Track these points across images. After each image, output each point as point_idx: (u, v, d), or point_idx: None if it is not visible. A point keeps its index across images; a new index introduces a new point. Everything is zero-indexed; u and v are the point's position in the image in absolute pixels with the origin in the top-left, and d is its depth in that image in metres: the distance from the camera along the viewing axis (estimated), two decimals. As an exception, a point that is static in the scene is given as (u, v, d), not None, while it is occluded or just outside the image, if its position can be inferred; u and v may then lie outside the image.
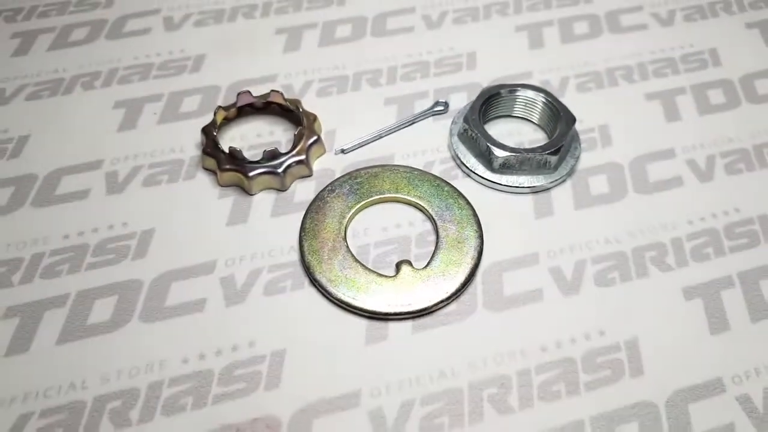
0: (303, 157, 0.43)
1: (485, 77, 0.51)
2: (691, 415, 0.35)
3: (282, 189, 0.43)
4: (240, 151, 0.42)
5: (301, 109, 0.45)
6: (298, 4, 0.56)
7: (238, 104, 0.46)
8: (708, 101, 0.50)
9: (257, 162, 0.42)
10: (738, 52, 0.54)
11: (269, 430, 0.34)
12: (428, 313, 0.39)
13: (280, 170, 0.42)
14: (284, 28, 0.54)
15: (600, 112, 0.49)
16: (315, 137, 0.44)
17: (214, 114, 0.44)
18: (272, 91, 0.45)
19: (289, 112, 0.46)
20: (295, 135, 0.43)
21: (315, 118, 0.45)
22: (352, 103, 0.49)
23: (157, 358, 0.36)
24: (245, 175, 0.42)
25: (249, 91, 0.46)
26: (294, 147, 0.43)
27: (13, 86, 0.49)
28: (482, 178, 0.44)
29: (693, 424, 0.35)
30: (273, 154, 0.42)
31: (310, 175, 0.44)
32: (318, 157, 0.45)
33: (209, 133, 0.43)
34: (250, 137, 0.47)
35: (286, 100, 0.45)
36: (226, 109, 0.45)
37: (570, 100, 0.49)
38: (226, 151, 0.42)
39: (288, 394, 0.35)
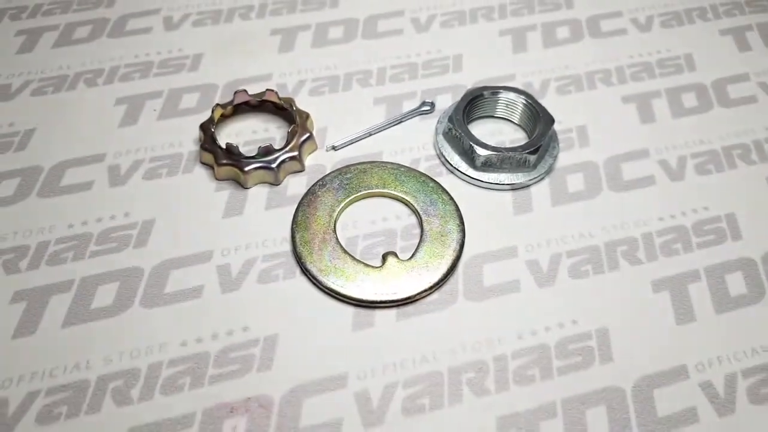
0: (296, 153, 0.45)
1: (470, 79, 0.52)
2: (656, 400, 0.37)
3: (275, 183, 0.45)
4: (236, 147, 0.43)
5: (294, 108, 0.46)
6: (293, 6, 0.57)
7: (235, 102, 0.47)
8: (682, 104, 0.51)
9: (252, 157, 0.44)
10: (712, 58, 0.55)
11: (262, 409, 0.35)
12: (412, 302, 0.40)
13: (273, 165, 0.44)
14: (279, 29, 0.56)
15: (578, 113, 0.50)
16: (307, 134, 0.45)
17: (212, 111, 0.45)
18: (267, 90, 0.47)
19: (283, 110, 0.48)
20: (288, 132, 0.45)
21: (307, 116, 0.47)
22: (343, 102, 0.51)
23: (157, 341, 0.38)
24: (241, 169, 0.44)
25: (245, 90, 0.47)
26: (287, 144, 0.45)
27: (18, 82, 0.50)
28: (465, 175, 0.45)
29: (657, 408, 0.36)
30: (267, 150, 0.44)
31: (302, 170, 0.46)
32: (310, 154, 0.47)
33: (207, 130, 0.45)
34: (246, 134, 0.48)
35: (280, 98, 0.47)
36: (223, 106, 0.46)
37: (550, 101, 0.50)
38: (223, 146, 0.44)
39: (279, 376, 0.37)
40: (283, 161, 0.44)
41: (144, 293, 0.40)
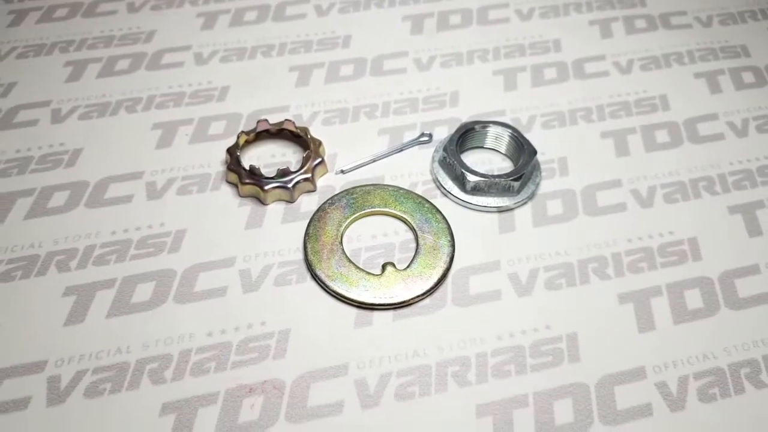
0: (309, 175, 0.48)
1: (465, 113, 0.56)
2: (616, 395, 0.40)
3: (291, 201, 0.48)
4: (258, 169, 0.47)
5: (309, 136, 0.51)
6: (309, 46, 0.61)
7: (257, 130, 0.51)
8: (655, 140, 0.55)
9: (271, 178, 0.48)
10: (685, 99, 0.58)
11: (276, 390, 0.39)
12: (407, 306, 0.44)
13: (290, 185, 0.48)
14: (296, 66, 0.60)
15: (560, 146, 0.54)
16: (319, 159, 0.49)
17: (237, 137, 0.50)
18: (285, 120, 0.51)
19: (298, 137, 0.51)
20: (303, 157, 0.49)
21: (320, 143, 0.51)
22: (352, 132, 0.54)
23: (187, 331, 0.42)
24: (261, 188, 0.47)
25: (266, 119, 0.51)
26: (302, 167, 0.48)
27: (67, 107, 0.55)
28: (457, 198, 0.49)
29: (617, 402, 0.40)
30: (284, 172, 0.47)
31: (314, 190, 0.49)
32: (321, 176, 0.50)
33: (233, 153, 0.49)
34: (266, 157, 0.52)
35: (296, 127, 0.51)
36: (247, 133, 0.50)
37: (536, 135, 0.54)
38: (247, 168, 0.48)
39: (291, 363, 0.40)
40: (298, 182, 0.48)
41: (176, 291, 0.44)
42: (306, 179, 0.49)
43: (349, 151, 0.53)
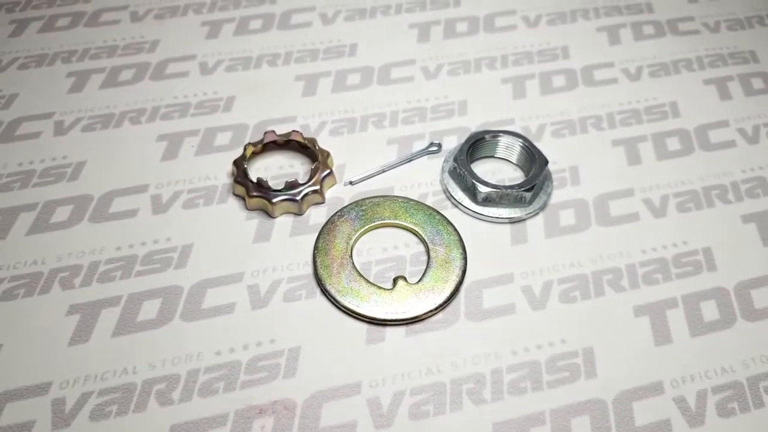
0: (317, 187, 0.48)
1: (474, 122, 0.56)
2: (634, 411, 0.39)
3: (299, 213, 0.48)
4: (266, 181, 0.47)
5: (317, 147, 0.50)
6: (315, 54, 0.61)
7: (264, 141, 0.50)
8: (666, 148, 0.54)
9: (279, 190, 0.47)
10: (695, 106, 0.58)
11: (286, 411, 0.38)
12: (419, 321, 0.43)
13: (298, 198, 0.47)
14: (302, 75, 0.59)
15: (571, 155, 0.53)
16: (328, 171, 0.49)
17: (244, 149, 0.49)
18: (293, 130, 0.50)
19: (306, 148, 0.51)
20: (311, 168, 0.48)
21: (328, 154, 0.50)
22: (360, 142, 0.54)
23: (195, 350, 0.41)
24: (269, 201, 0.47)
25: (273, 131, 0.51)
26: (310, 179, 0.48)
27: (70, 119, 0.54)
28: (468, 209, 0.49)
29: (635, 418, 0.39)
30: (292, 185, 0.47)
31: (323, 203, 0.49)
32: (330, 188, 0.50)
33: (240, 165, 0.48)
34: (273, 169, 0.51)
35: (304, 138, 0.50)
36: (254, 145, 0.50)
37: (546, 144, 0.54)
38: (254, 180, 0.47)
39: (302, 382, 0.40)
40: (306, 194, 0.47)
41: (183, 308, 0.43)
42: (314, 191, 0.48)
43: (357, 161, 0.52)
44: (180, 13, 0.65)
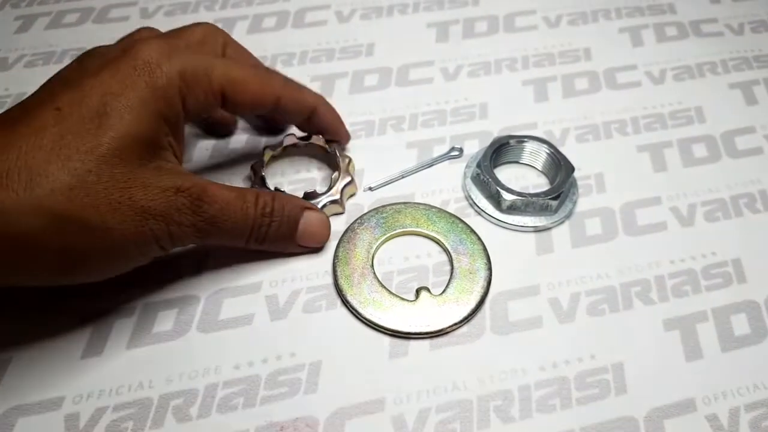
0: (337, 197, 0.46)
1: (495, 126, 0.54)
2: (666, 430, 0.38)
3: None
4: (283, 191, 0.45)
5: (338, 153, 0.48)
6: (331, 54, 0.60)
7: (284, 145, 0.49)
8: (692, 154, 0.53)
9: None
10: (721, 110, 0.57)
11: (309, 429, 0.37)
12: (443, 334, 0.42)
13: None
14: (318, 75, 0.58)
15: (596, 161, 0.52)
16: (349, 179, 0.47)
17: (263, 153, 0.48)
18: (314, 134, 0.49)
19: (326, 152, 0.49)
20: (331, 177, 0.47)
21: (350, 161, 0.49)
22: (379, 146, 0.52)
23: (213, 363, 0.40)
24: None
25: (293, 134, 0.49)
26: (330, 187, 0.46)
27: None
28: (492, 217, 0.47)
29: None
30: (310, 194, 0.45)
31: (342, 213, 0.48)
32: (350, 197, 0.48)
33: (258, 172, 0.47)
34: (291, 173, 0.50)
35: (326, 142, 0.49)
36: (272, 148, 0.48)
37: (570, 149, 0.52)
38: (272, 189, 0.46)
39: (324, 398, 0.38)
40: (324, 205, 0.46)
41: (200, 319, 0.42)
42: (333, 201, 0.47)
43: (376, 166, 0.51)
44: (191, 9, 0.63)
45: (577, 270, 0.46)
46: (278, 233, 0.42)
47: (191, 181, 0.37)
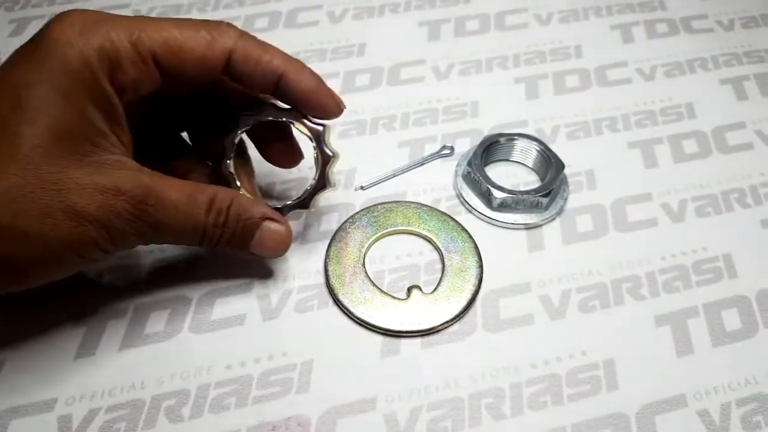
0: (303, 198, 0.41)
1: (486, 124, 0.54)
2: (657, 426, 0.38)
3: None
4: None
5: (322, 144, 0.41)
6: (323, 54, 0.60)
7: (261, 119, 0.40)
8: (683, 150, 0.53)
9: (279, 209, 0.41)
10: (711, 106, 0.57)
11: (300, 428, 0.37)
12: (435, 332, 0.42)
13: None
14: None
15: (587, 158, 0.52)
16: (321, 181, 0.41)
17: (236, 126, 0.42)
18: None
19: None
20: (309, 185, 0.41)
21: (333, 157, 0.41)
22: (370, 145, 0.52)
23: (205, 364, 0.40)
24: None
25: (274, 103, 0.41)
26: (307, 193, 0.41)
27: None
28: (482, 215, 0.48)
29: None
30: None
31: (310, 211, 0.42)
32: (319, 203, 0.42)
33: (226, 151, 0.41)
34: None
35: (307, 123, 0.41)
36: (245, 121, 0.40)
37: (560, 146, 0.52)
38: (237, 183, 0.41)
39: (316, 397, 0.39)
40: (287, 205, 0.41)
41: (192, 320, 0.42)
42: (300, 204, 0.41)
43: (368, 165, 0.51)
44: (183, 11, 0.63)
45: (568, 267, 0.46)
46: (231, 241, 0.38)
47: (134, 180, 0.33)
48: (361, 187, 0.49)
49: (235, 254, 0.40)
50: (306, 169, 0.50)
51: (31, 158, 0.30)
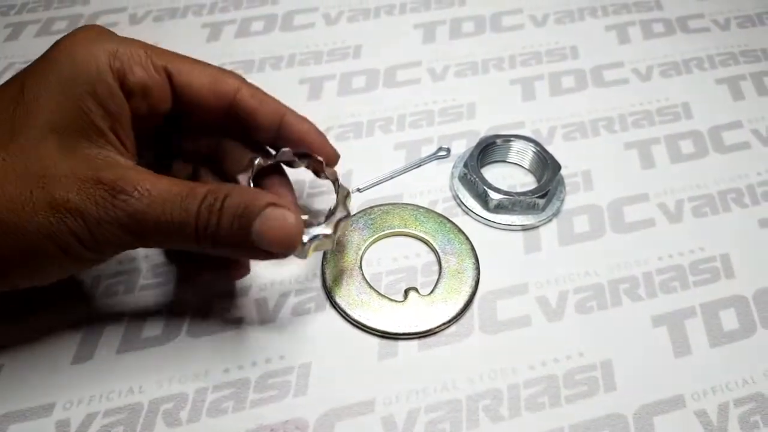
0: (329, 231, 0.38)
1: (483, 126, 0.54)
2: (655, 426, 0.38)
3: (301, 257, 0.38)
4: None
5: (338, 183, 0.41)
6: (319, 57, 0.60)
7: (278, 160, 0.42)
8: (679, 151, 0.53)
9: None
10: (708, 106, 0.57)
11: (299, 431, 0.37)
12: (432, 334, 0.42)
13: (305, 241, 0.38)
14: (306, 78, 0.57)
15: (583, 159, 0.52)
16: (345, 213, 0.39)
17: (251, 165, 0.42)
18: (315, 156, 0.41)
19: (319, 176, 0.43)
20: (329, 209, 0.40)
21: (348, 194, 0.40)
22: (367, 147, 0.52)
23: (203, 367, 0.40)
24: None
25: (290, 150, 0.41)
26: (325, 219, 0.39)
27: None
28: (479, 216, 0.48)
29: None
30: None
31: (331, 248, 0.40)
32: (344, 232, 0.43)
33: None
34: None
35: (325, 169, 0.42)
36: (263, 160, 0.41)
37: (557, 147, 0.52)
38: None
39: (314, 400, 0.39)
40: (316, 236, 0.37)
41: (190, 323, 0.42)
42: (326, 236, 0.38)
43: (364, 167, 0.51)
44: (179, 14, 0.63)
45: (565, 268, 0.46)
46: (229, 235, 0.33)
47: (119, 172, 0.31)
48: (358, 190, 0.49)
49: (238, 255, 0.36)
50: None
51: (22, 147, 0.30)
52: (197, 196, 0.32)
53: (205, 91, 0.36)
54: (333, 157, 0.42)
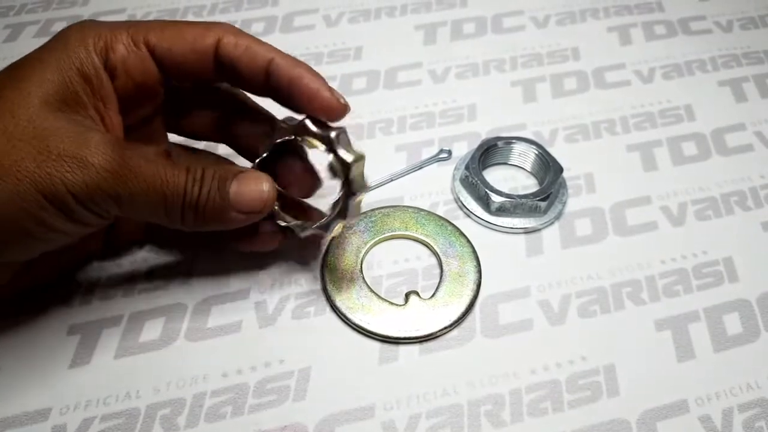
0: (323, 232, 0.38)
1: (484, 128, 0.54)
2: None
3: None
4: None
5: (335, 142, 0.38)
6: (319, 58, 0.59)
7: (299, 122, 0.38)
8: (682, 153, 0.53)
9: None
10: (710, 108, 0.57)
11: None
12: (433, 338, 0.41)
13: (302, 234, 0.40)
14: None
15: (585, 161, 0.52)
16: (346, 187, 0.38)
17: (275, 131, 0.41)
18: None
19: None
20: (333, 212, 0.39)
21: (357, 159, 0.38)
22: (368, 149, 0.49)
23: (201, 372, 0.39)
24: None
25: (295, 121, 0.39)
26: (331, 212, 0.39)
27: None
28: (481, 219, 0.47)
29: None
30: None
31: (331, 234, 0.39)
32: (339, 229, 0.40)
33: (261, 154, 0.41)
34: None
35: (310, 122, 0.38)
36: (287, 127, 0.39)
37: (559, 149, 0.52)
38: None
39: (313, 406, 0.38)
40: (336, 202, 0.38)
41: (188, 328, 0.41)
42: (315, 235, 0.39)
43: (365, 170, 0.50)
44: (179, 15, 0.63)
45: (568, 271, 0.45)
46: (210, 201, 0.34)
47: (95, 138, 0.32)
48: (358, 192, 0.49)
49: (221, 222, 0.36)
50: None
51: (10, 109, 0.31)
52: (182, 167, 0.34)
53: (186, 51, 0.36)
54: (335, 108, 0.37)
